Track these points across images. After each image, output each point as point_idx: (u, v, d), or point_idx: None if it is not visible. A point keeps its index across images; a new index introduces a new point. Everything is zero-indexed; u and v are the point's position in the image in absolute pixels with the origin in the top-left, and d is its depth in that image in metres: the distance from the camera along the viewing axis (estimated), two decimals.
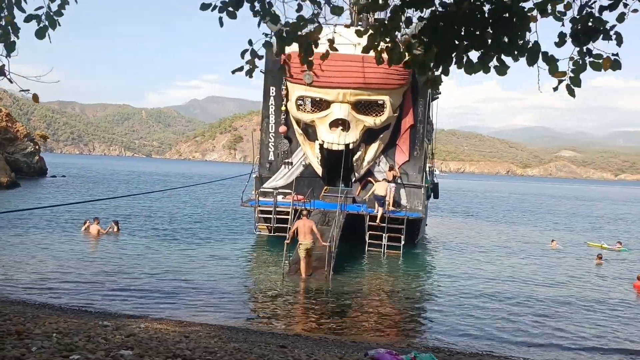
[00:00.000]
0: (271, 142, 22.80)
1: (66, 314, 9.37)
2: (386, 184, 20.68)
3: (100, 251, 17.94)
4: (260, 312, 12.14)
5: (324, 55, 5.52)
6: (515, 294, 14.86)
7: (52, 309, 10.31)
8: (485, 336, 11.00)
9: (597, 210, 54.23)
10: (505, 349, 10.26)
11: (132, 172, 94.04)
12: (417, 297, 14.27)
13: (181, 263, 16.60)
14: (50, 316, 8.50)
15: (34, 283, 13.04)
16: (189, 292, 13.16)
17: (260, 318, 11.50)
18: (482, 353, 9.60)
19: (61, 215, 25.48)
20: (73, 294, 12.28)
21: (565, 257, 22.00)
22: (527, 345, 10.55)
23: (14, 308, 9.62)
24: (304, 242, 15.32)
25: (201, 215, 30.11)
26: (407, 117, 21.89)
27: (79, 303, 11.42)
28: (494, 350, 10.10)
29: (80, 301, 11.62)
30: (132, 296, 12.47)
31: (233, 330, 9.46)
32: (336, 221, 17.80)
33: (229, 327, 9.82)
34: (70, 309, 10.62)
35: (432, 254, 21.54)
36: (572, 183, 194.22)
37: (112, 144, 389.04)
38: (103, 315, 10.03)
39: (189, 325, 9.36)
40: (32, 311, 9.42)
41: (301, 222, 15.57)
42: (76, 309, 10.58)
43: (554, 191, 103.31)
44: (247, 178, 23.21)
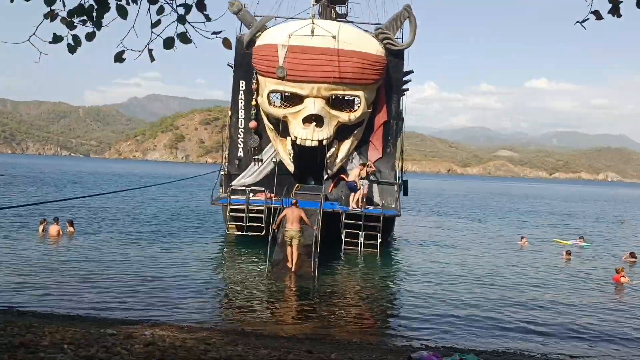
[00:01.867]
0: (240, 138, 22.04)
1: (60, 322, 8.48)
2: (356, 171, 20.29)
3: (65, 253, 16.72)
4: (257, 313, 11.49)
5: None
6: (495, 291, 14.69)
7: (36, 316, 9.35)
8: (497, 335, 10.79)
9: (553, 208, 55.77)
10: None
11: (79, 172, 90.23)
12: (412, 296, 13.86)
13: (154, 265, 15.65)
14: (45, 325, 7.63)
15: (3, 289, 11.95)
16: (171, 295, 12.36)
17: (262, 320, 10.86)
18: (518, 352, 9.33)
19: (6, 216, 23.89)
20: (49, 300, 11.29)
21: (537, 255, 22.20)
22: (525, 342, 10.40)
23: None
24: (291, 230, 15.16)
25: (162, 215, 28.90)
26: (381, 114, 21.60)
27: (62, 309, 10.48)
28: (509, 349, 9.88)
29: (61, 307, 10.67)
30: (114, 300, 11.58)
31: (243, 334, 8.82)
32: (318, 220, 17.25)
33: (238, 331, 9.16)
34: (55, 315, 9.69)
35: (407, 251, 21.29)
36: (513, 182, 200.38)
37: (47, 143, 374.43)
38: (96, 321, 9.18)
39: (195, 331, 8.65)
40: (15, 319, 8.50)
41: (289, 209, 15.51)
42: (65, 316, 9.65)
43: (505, 190, 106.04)
44: (216, 176, 22.39)
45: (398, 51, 21.17)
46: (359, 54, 20.00)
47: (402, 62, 21.53)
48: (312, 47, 19.71)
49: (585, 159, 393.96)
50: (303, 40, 19.68)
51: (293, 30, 19.65)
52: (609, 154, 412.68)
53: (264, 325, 10.48)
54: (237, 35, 21.57)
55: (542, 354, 9.62)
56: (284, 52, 19.89)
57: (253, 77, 21.40)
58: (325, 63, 19.81)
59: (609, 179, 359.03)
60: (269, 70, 20.32)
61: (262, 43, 20.64)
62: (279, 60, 19.93)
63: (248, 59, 21.17)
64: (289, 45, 19.75)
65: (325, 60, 19.80)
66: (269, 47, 20.30)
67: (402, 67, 21.64)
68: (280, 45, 19.89)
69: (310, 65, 19.81)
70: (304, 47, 19.73)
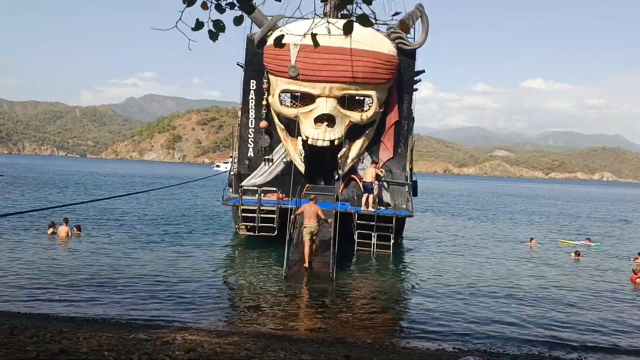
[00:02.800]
0: (250, 138, 21.82)
1: (86, 326, 8.26)
2: (373, 171, 20.13)
3: (77, 256, 16.49)
4: (278, 316, 11.28)
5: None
6: (509, 291, 14.66)
7: (59, 320, 9.12)
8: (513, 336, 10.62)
9: (558, 208, 55.67)
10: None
11: (78, 172, 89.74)
12: (434, 298, 13.67)
13: (167, 267, 15.43)
14: (74, 329, 7.41)
15: (19, 292, 11.72)
16: (188, 297, 12.17)
17: (286, 323, 10.64)
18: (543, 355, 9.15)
19: (14, 218, 23.58)
20: (67, 303, 11.07)
21: (548, 255, 22.06)
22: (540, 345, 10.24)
23: (19, 321, 8.44)
24: (309, 225, 15.31)
25: (168, 216, 28.61)
26: (392, 113, 21.41)
27: (81, 312, 10.26)
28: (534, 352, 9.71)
29: (80, 310, 10.44)
30: (132, 303, 11.38)
31: (274, 338, 8.61)
32: (333, 221, 17.05)
33: (268, 335, 8.95)
34: (78, 319, 9.46)
35: (419, 252, 21.10)
36: (512, 182, 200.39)
37: (43, 143, 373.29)
38: (122, 325, 8.95)
39: (224, 335, 8.44)
40: (40, 323, 8.28)
41: (307, 205, 15.79)
42: (88, 319, 9.43)
43: (506, 190, 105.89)
44: (226, 176, 22.18)
45: (410, 50, 20.99)
46: (371, 53, 19.80)
47: (413, 62, 21.35)
48: (325, 46, 19.47)
49: (581, 159, 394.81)
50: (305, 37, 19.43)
51: (316, 31, 19.39)
52: (605, 153, 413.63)
53: (290, 328, 10.29)
54: (248, 35, 21.35)
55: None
56: (297, 52, 19.68)
57: (264, 76, 21.16)
58: (338, 62, 19.61)
59: (604, 179, 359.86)
60: (281, 70, 20.12)
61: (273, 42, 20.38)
62: (291, 59, 19.73)
63: (259, 58, 20.95)
64: (301, 44, 19.54)
65: (337, 60, 19.60)
66: None
67: (414, 67, 21.46)
68: (293, 45, 19.67)
69: (323, 64, 19.61)
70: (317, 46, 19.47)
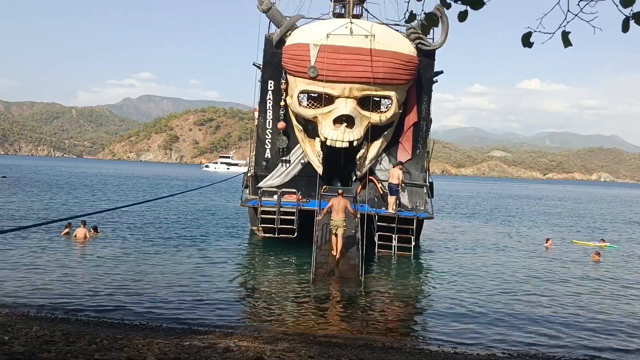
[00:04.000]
0: (268, 139, 21.63)
1: (133, 332, 8.07)
2: (399, 172, 20.05)
3: (97, 259, 16.26)
4: (315, 319, 11.09)
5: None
6: (536, 293, 14.56)
7: (101, 325, 8.93)
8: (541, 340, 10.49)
9: (565, 209, 55.61)
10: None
11: (83, 173, 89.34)
12: (460, 300, 13.53)
13: (189, 270, 15.22)
14: (128, 336, 7.23)
15: (45, 295, 11.51)
16: (216, 301, 12.03)
17: (326, 327, 10.45)
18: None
19: (21, 220, 23.42)
20: (97, 307, 10.87)
21: (566, 256, 21.94)
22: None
23: (62, 327, 8.25)
24: (336, 219, 15.60)
25: (182, 219, 28.35)
26: (411, 114, 21.26)
27: (116, 316, 10.07)
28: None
29: (115, 315, 10.25)
30: (163, 307, 11.18)
31: (325, 345, 8.44)
32: (357, 223, 16.93)
33: (316, 341, 8.78)
34: (120, 324, 9.27)
35: (438, 254, 20.96)
36: (514, 183, 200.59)
37: (40, 143, 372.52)
38: (168, 331, 8.75)
39: (273, 341, 8.28)
40: (85, 329, 8.09)
41: (336, 199, 15.97)
42: (132, 325, 9.23)
43: (511, 191, 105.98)
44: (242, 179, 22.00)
45: (429, 51, 20.85)
46: (392, 53, 19.65)
47: (433, 62, 21.21)
48: (345, 46, 19.36)
49: (579, 160, 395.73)
50: (335, 39, 19.32)
51: (330, 29, 19.28)
52: (602, 154, 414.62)
53: (331, 332, 10.10)
54: (266, 35, 21.17)
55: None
56: (316, 52, 19.52)
57: (282, 77, 20.98)
58: (358, 63, 19.44)
59: (601, 179, 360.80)
60: (300, 70, 19.94)
61: (292, 42, 20.25)
62: (310, 60, 19.56)
63: (277, 59, 20.77)
64: (321, 44, 19.40)
65: (358, 60, 19.42)
66: (300, 46, 19.93)
67: (433, 68, 21.31)
68: (312, 45, 19.52)
69: (343, 65, 19.43)
70: (337, 46, 19.37)
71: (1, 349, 6.00)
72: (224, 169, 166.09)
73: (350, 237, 16.68)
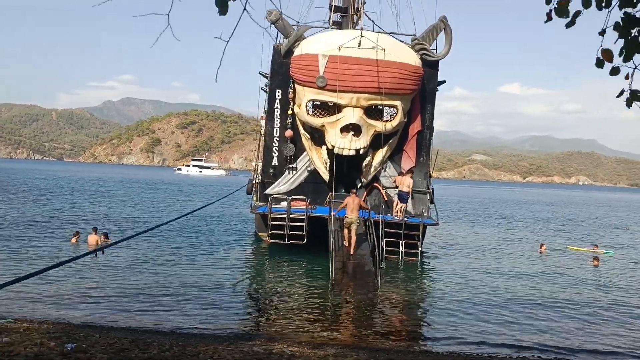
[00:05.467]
0: (275, 147, 22.01)
1: (184, 339, 8.41)
2: (409, 180, 20.58)
3: (112, 265, 16.52)
4: (344, 324, 11.53)
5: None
6: (544, 300, 15.02)
7: (150, 332, 9.24)
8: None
9: (555, 214, 56.64)
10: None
11: (71, 177, 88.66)
12: (474, 304, 14.06)
13: (204, 276, 15.56)
14: (181, 344, 7.59)
15: (61, 302, 11.78)
16: (240, 307, 12.48)
17: (357, 332, 10.88)
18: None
19: (32, 228, 23.49)
20: (125, 313, 11.17)
21: (565, 262, 22.57)
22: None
23: (115, 334, 8.57)
24: (350, 217, 16.79)
25: (189, 225, 28.55)
26: (415, 123, 21.80)
27: (148, 323, 10.39)
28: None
29: (145, 320, 10.57)
30: (187, 313, 11.51)
31: (376, 350, 8.86)
32: (372, 230, 17.45)
33: (357, 346, 9.19)
34: (164, 332, 9.59)
35: (442, 259, 21.50)
36: (497, 186, 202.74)
37: (19, 146, 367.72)
38: (209, 337, 9.08)
39: (318, 347, 8.67)
40: (142, 337, 8.41)
41: (350, 198, 17.19)
42: (174, 332, 9.54)
43: (498, 195, 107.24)
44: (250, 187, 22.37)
45: (433, 62, 21.40)
46: (398, 64, 20.17)
47: (436, 73, 21.79)
48: (353, 57, 19.83)
49: (558, 163, 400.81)
50: (344, 50, 19.79)
51: (338, 40, 19.75)
52: (580, 158, 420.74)
53: (362, 338, 10.52)
54: (275, 45, 21.56)
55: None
56: (325, 62, 19.96)
57: (290, 86, 21.38)
58: (366, 73, 19.92)
59: (580, 183, 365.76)
60: (309, 80, 20.37)
61: (301, 53, 20.66)
62: (319, 70, 20.00)
63: (285, 68, 21.18)
64: (330, 55, 19.85)
65: (365, 71, 19.91)
66: (308, 56, 20.35)
67: (437, 78, 21.89)
68: (321, 55, 19.97)
69: (351, 75, 19.90)
70: (345, 57, 19.83)
71: (84, 356, 6.33)
72: (196, 172, 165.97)
73: (359, 236, 17.35)
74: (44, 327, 8.18)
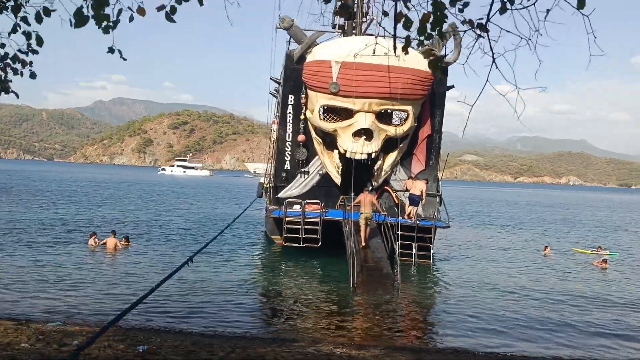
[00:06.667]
0: (288, 151, 22.38)
1: (232, 341, 8.76)
2: (422, 185, 20.98)
3: (135, 268, 16.84)
4: (376, 325, 11.90)
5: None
6: (562, 305, 15.22)
7: (192, 335, 9.58)
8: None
9: (555, 215, 57.29)
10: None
11: (68, 179, 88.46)
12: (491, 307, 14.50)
13: (228, 279, 15.91)
14: (241, 347, 7.95)
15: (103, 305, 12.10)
16: (266, 309, 12.84)
17: (393, 335, 11.28)
18: None
19: (40, 231, 23.75)
20: (162, 314, 11.51)
21: (568, 264, 22.97)
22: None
23: (169, 337, 8.91)
24: (365, 212, 17.88)
25: (203, 227, 28.88)
26: (425, 127, 22.25)
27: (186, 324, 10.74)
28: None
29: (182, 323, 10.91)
30: (224, 316, 11.84)
31: (418, 351, 9.26)
32: (392, 233, 17.98)
33: (397, 347, 9.59)
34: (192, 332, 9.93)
35: (453, 261, 21.93)
36: (492, 187, 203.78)
37: (9, 146, 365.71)
38: (267, 341, 9.45)
39: (361, 348, 9.05)
40: (189, 339, 8.76)
41: (363, 195, 18.43)
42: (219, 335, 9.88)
43: (498, 196, 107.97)
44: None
45: (443, 67, 21.83)
46: (410, 70, 20.59)
47: (445, 78, 22.22)
48: (365, 63, 20.22)
49: (549, 164, 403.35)
50: (356, 56, 20.17)
51: (351, 46, 20.15)
52: (571, 158, 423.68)
53: (392, 339, 10.91)
54: (287, 51, 21.95)
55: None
56: (338, 68, 20.36)
57: (302, 91, 21.76)
58: (378, 79, 20.34)
59: (571, 183, 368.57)
60: (321, 86, 20.75)
61: (313, 59, 21.04)
62: (332, 76, 20.41)
63: (297, 74, 21.54)
64: (343, 61, 20.25)
65: (378, 77, 20.32)
66: (321, 63, 20.73)
67: (446, 83, 22.34)
68: (334, 62, 20.36)
69: (364, 81, 20.30)
70: (358, 63, 20.22)
71: (156, 358, 6.68)
72: (180, 172, 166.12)
73: (379, 245, 17.80)
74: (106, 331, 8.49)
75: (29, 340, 7.26)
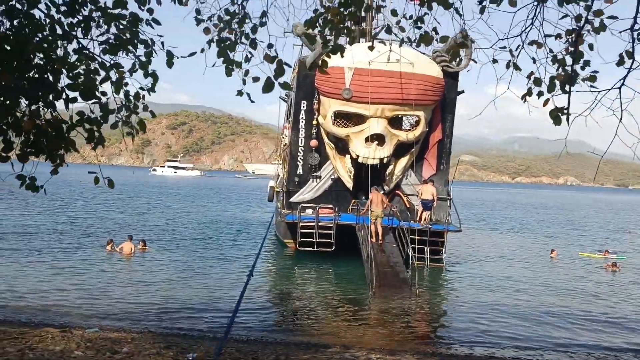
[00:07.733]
0: (300, 156, 22.64)
1: (273, 346, 9.01)
2: (432, 189, 21.23)
3: (153, 272, 17.08)
4: (395, 331, 12.15)
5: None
6: (565, 306, 15.52)
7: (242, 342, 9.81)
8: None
9: (556, 217, 57.66)
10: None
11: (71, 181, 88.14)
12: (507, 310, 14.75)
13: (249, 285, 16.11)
14: (286, 353, 8.18)
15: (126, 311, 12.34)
16: (288, 314, 13.09)
17: (411, 338, 11.53)
18: None
19: (60, 236, 23.96)
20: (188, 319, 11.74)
21: (576, 267, 23.19)
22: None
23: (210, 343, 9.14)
24: (376, 210, 18.46)
25: (217, 231, 29.09)
26: (436, 132, 22.54)
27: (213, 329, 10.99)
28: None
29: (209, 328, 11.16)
30: (254, 322, 12.10)
31: (450, 356, 9.50)
32: (406, 237, 18.25)
33: (428, 352, 9.84)
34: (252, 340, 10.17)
35: (465, 265, 22.18)
36: (490, 187, 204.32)
37: None
38: (302, 346, 9.68)
39: (393, 354, 9.29)
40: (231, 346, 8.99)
41: (374, 194, 18.90)
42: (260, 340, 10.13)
43: (497, 197, 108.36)
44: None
45: (453, 73, 22.12)
46: (422, 76, 20.88)
47: (456, 83, 22.51)
48: (378, 69, 20.50)
49: (546, 164, 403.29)
50: (369, 63, 20.44)
51: (364, 53, 20.39)
52: (568, 158, 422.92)
53: (420, 344, 11.16)
54: (300, 58, 22.21)
55: None
56: (351, 75, 20.63)
57: (315, 97, 22.01)
58: (391, 85, 20.62)
59: (568, 183, 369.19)
60: (334, 92, 21.01)
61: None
62: (345, 82, 20.67)
63: (310, 80, 21.79)
64: (355, 67, 20.52)
65: (390, 83, 20.60)
66: (333, 69, 20.94)
67: (457, 88, 22.62)
68: (347, 68, 20.62)
69: (377, 87, 20.57)
70: (370, 69, 20.50)
71: None
72: (171, 172, 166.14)
73: (394, 249, 18.10)
74: (146, 337, 8.74)
75: (79, 348, 7.48)
